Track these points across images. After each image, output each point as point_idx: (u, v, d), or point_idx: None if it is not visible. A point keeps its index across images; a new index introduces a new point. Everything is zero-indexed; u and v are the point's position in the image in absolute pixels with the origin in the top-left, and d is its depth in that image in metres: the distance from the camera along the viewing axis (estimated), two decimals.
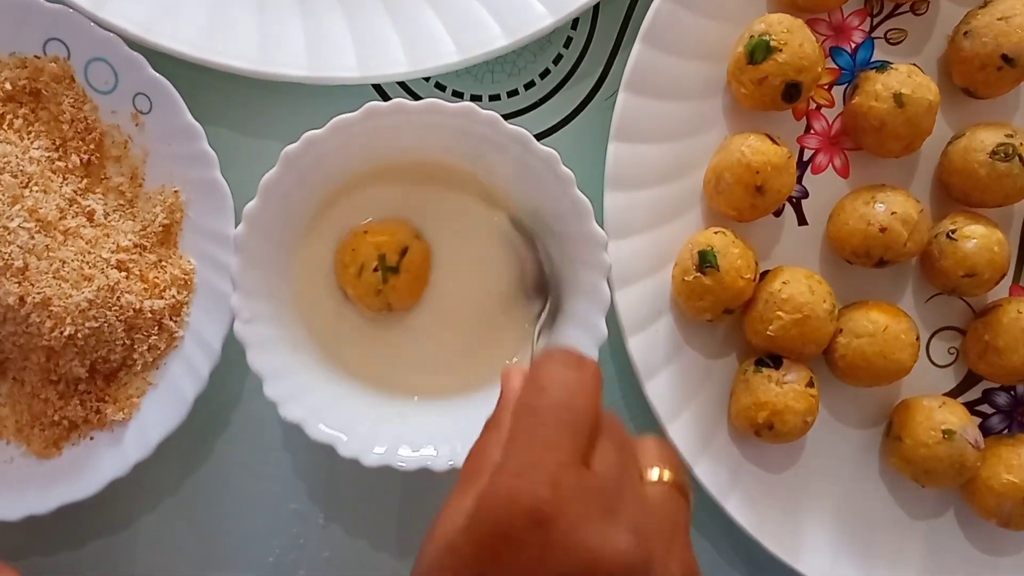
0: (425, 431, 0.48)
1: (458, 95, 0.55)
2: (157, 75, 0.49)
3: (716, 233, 0.50)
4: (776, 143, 0.50)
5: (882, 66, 0.52)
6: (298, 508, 0.54)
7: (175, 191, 0.51)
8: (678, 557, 0.32)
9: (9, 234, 0.47)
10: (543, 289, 0.48)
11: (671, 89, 0.52)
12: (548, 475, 0.29)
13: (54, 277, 0.47)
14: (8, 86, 0.50)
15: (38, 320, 0.47)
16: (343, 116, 0.45)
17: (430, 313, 0.50)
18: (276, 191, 0.45)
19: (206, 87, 0.52)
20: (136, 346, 0.50)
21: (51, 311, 0.47)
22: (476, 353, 0.50)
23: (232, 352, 0.48)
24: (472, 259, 0.50)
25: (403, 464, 0.46)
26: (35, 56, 0.50)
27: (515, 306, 0.50)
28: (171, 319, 0.50)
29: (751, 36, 0.50)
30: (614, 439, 0.33)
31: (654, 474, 0.34)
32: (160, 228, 0.50)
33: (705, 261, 0.49)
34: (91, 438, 0.51)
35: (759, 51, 0.50)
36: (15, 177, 0.48)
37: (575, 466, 0.30)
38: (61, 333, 0.47)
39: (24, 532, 0.50)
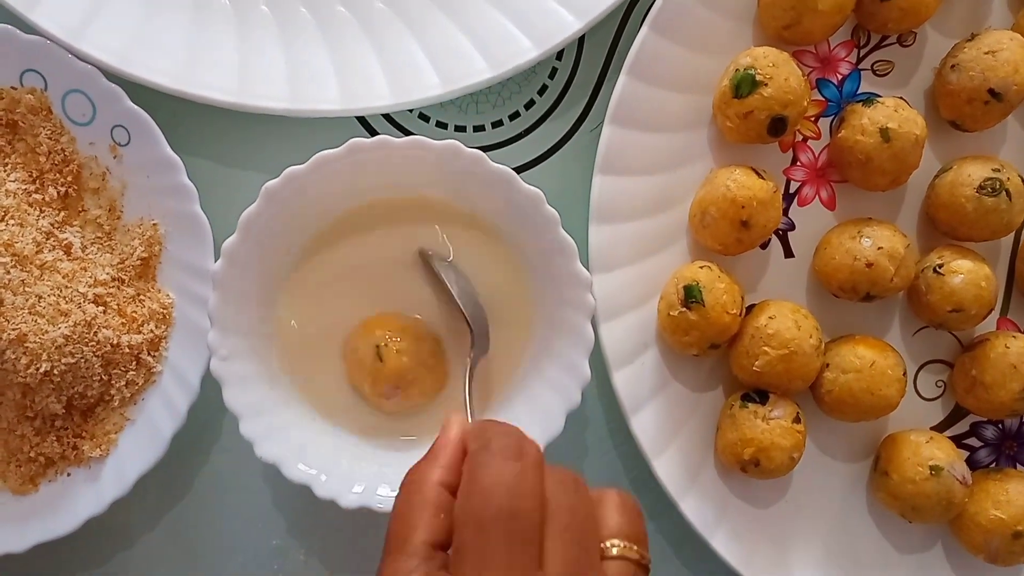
0: (403, 470, 0.47)
1: (442, 126, 0.54)
2: (135, 107, 0.48)
3: (701, 268, 0.50)
4: (762, 177, 0.50)
5: (868, 99, 0.51)
6: (279, 544, 0.53)
7: (154, 224, 0.50)
8: None
9: None
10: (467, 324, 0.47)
11: (656, 121, 0.52)
12: None
13: (30, 313, 0.47)
14: None
15: (13, 357, 0.46)
16: (325, 152, 0.45)
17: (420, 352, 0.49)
18: (256, 226, 0.45)
19: (186, 118, 0.51)
20: (114, 381, 0.49)
21: (27, 347, 0.46)
22: (454, 391, 0.49)
23: (210, 387, 0.47)
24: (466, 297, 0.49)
25: (381, 505, 0.45)
26: (11, 87, 0.49)
27: (509, 341, 0.50)
28: (149, 354, 0.49)
29: (736, 70, 0.50)
30: (568, 516, 0.32)
31: (613, 548, 0.33)
32: (138, 261, 0.50)
33: (690, 296, 0.49)
34: (68, 474, 0.50)
35: (744, 85, 0.49)
36: None
37: None
38: (37, 370, 0.47)
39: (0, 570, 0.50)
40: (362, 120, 0.54)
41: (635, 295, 0.52)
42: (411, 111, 0.54)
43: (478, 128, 0.54)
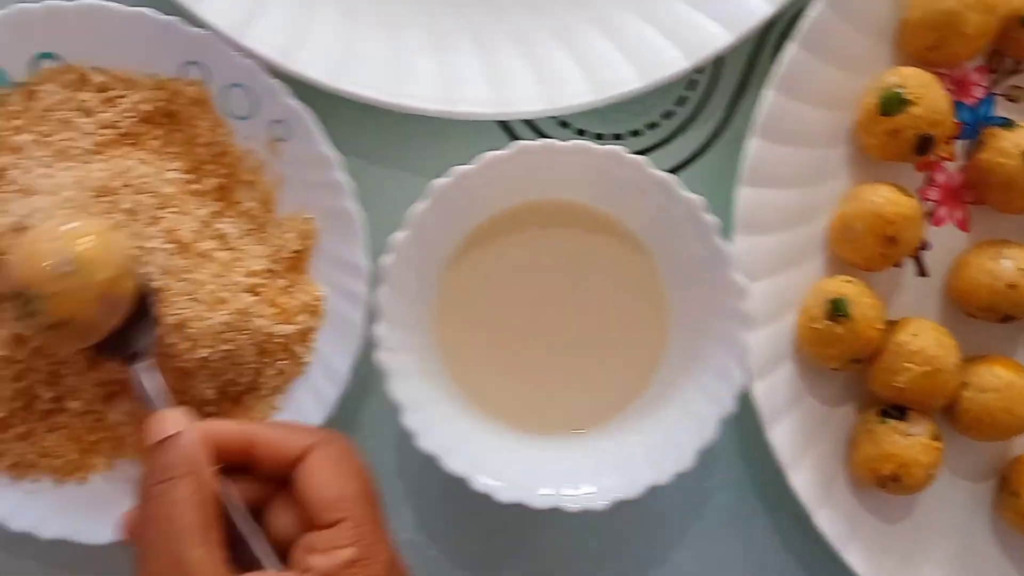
0: (565, 466, 0.48)
1: (581, 133, 0.55)
2: (296, 103, 0.49)
3: (847, 282, 0.50)
4: (907, 194, 0.50)
5: (1007, 123, 0.52)
6: (411, 538, 0.54)
7: (307, 218, 0.51)
8: None
9: (148, 255, 0.47)
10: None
11: (800, 136, 0.53)
12: None
13: (190, 299, 0.47)
14: (146, 107, 0.50)
15: (174, 342, 0.47)
16: (494, 152, 0.45)
17: (570, 353, 0.50)
18: (422, 222, 0.46)
19: (335, 117, 0.52)
20: (264, 370, 0.50)
21: (187, 333, 0.47)
22: (609, 390, 0.50)
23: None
24: (607, 299, 0.50)
25: (538, 501, 0.46)
26: (172, 79, 0.50)
27: (644, 343, 0.50)
28: (300, 345, 0.50)
29: (884, 89, 0.51)
30: None
31: None
32: (291, 254, 0.50)
33: (837, 310, 0.49)
34: None
35: (892, 104, 0.50)
36: (153, 197, 0.48)
37: None
38: (195, 356, 0.47)
39: None
40: (505, 127, 0.54)
41: (773, 307, 0.52)
42: (552, 117, 0.55)
43: (617, 136, 0.55)
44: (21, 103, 0.49)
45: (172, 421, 0.40)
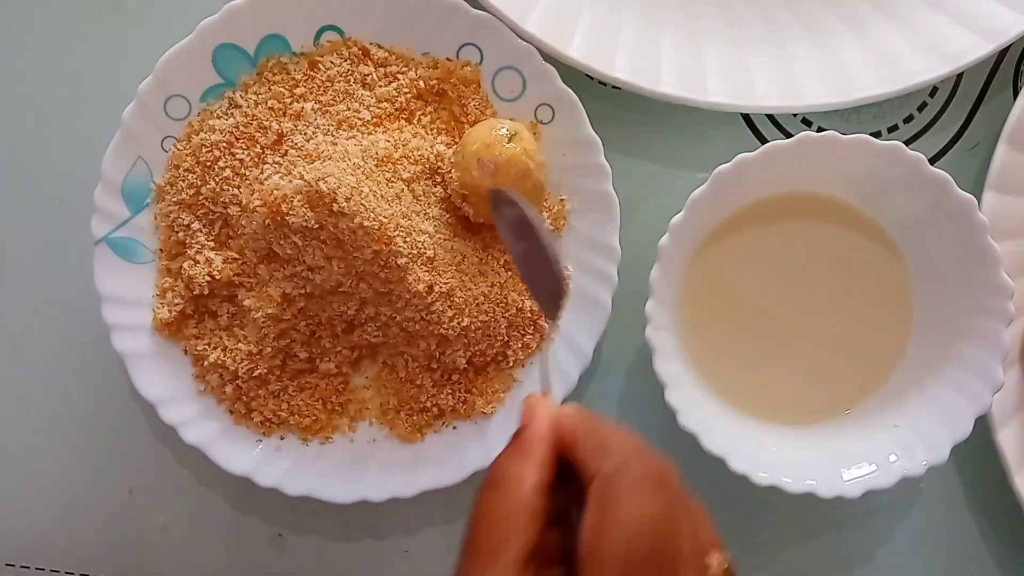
0: (808, 456, 0.49)
1: (821, 131, 0.56)
2: (566, 88, 0.51)
3: None
4: None
5: None
6: None
7: (561, 199, 0.52)
8: None
9: (422, 223, 0.49)
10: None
11: None
12: None
13: (456, 269, 0.49)
14: (421, 84, 0.52)
15: (440, 308, 0.49)
16: (775, 143, 0.47)
17: (808, 344, 0.52)
18: (698, 207, 0.47)
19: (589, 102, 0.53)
20: (511, 343, 0.52)
21: (453, 301, 0.49)
22: (845, 384, 0.52)
23: None
24: (850, 294, 0.52)
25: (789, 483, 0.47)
26: (447, 59, 0.52)
27: (885, 338, 0.52)
28: (545, 320, 0.52)
29: None
30: (693, 543, 0.32)
31: (714, 562, 0.32)
32: None
33: None
34: (454, 427, 0.53)
35: None
36: (427, 170, 0.50)
37: None
38: (459, 324, 0.49)
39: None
40: (747, 120, 0.56)
41: None
42: (795, 115, 0.56)
43: None
44: (303, 72, 0.52)
45: (544, 407, 0.37)
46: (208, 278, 0.49)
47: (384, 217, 0.46)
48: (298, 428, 0.53)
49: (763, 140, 0.56)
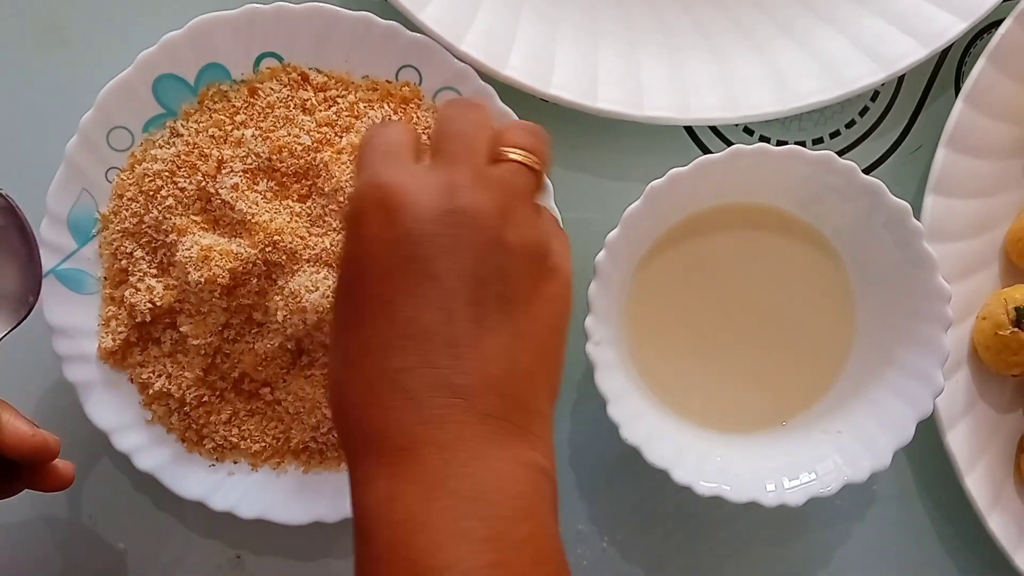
0: (753, 464, 0.49)
1: (765, 139, 0.57)
2: (504, 106, 0.51)
3: None
4: None
5: None
6: (583, 529, 0.56)
7: None
8: (516, 225, 0.37)
9: None
10: None
11: (982, 148, 0.54)
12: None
13: None
14: (360, 107, 0.52)
15: None
16: (707, 156, 0.47)
17: (753, 353, 0.53)
18: (633, 222, 0.48)
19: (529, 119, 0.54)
20: None
21: None
22: (790, 392, 0.52)
23: None
24: (793, 302, 0.52)
25: (727, 491, 0.48)
26: (387, 80, 0.52)
27: (829, 346, 0.52)
28: None
29: None
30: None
31: (511, 154, 0.39)
32: None
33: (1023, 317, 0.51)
34: None
35: None
36: None
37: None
38: None
39: None
40: (690, 133, 0.56)
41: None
42: (736, 124, 0.56)
43: (799, 144, 0.56)
44: (243, 99, 0.52)
45: None
46: (150, 305, 0.50)
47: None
48: (248, 454, 0.53)
49: (706, 150, 0.56)
